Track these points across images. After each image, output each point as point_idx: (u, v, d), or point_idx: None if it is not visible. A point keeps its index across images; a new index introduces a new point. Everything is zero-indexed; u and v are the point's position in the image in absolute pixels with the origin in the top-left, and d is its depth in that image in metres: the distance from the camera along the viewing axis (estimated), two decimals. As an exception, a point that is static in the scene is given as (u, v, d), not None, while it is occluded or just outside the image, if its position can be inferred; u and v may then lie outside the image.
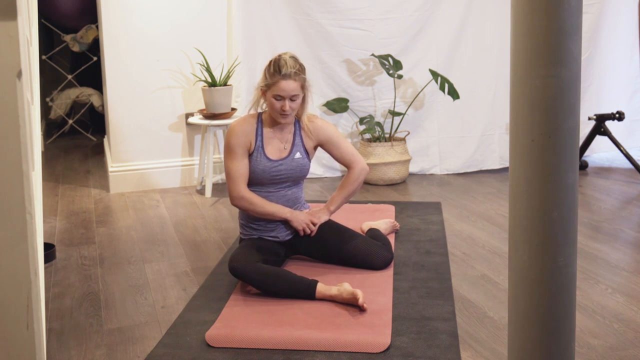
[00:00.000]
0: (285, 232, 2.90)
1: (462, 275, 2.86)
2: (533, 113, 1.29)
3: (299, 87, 2.77)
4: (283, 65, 2.74)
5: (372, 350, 2.20)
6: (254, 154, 2.83)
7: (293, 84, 2.75)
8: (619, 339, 2.28)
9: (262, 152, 2.83)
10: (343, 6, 4.56)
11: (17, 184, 1.34)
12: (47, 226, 3.74)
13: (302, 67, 2.80)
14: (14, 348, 1.39)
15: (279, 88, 2.74)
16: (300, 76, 2.77)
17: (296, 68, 2.76)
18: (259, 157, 2.83)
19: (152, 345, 2.33)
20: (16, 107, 1.32)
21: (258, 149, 2.83)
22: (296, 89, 2.76)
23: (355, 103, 4.71)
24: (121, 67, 4.40)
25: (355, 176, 2.95)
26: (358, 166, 2.95)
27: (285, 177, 2.86)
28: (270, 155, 2.84)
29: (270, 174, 2.83)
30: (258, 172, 2.83)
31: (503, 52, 4.69)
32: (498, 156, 4.81)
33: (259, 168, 2.82)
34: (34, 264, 1.41)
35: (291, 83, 2.75)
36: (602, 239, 3.29)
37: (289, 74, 2.74)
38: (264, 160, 2.82)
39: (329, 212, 2.96)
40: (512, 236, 1.38)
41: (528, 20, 1.26)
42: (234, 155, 2.81)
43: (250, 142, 2.83)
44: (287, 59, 2.76)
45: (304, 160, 2.89)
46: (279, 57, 2.78)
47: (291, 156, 2.86)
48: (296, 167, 2.87)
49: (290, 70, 2.74)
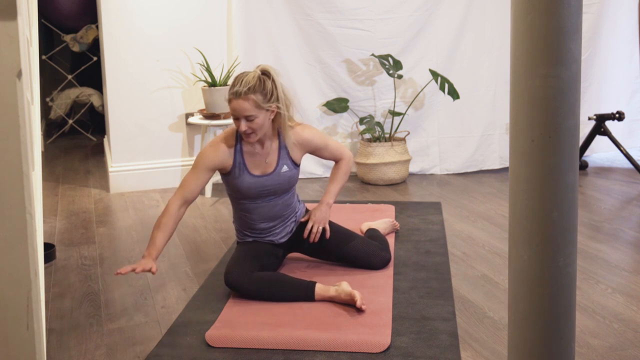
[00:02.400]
0: (279, 236, 2.85)
1: (462, 275, 2.86)
2: (533, 113, 1.29)
3: (252, 106, 2.57)
4: (236, 83, 2.58)
5: (372, 350, 2.20)
6: (235, 172, 2.71)
7: (243, 104, 2.56)
8: (619, 339, 2.28)
9: (244, 169, 2.71)
10: (343, 6, 4.56)
11: (17, 184, 1.34)
12: (47, 226, 3.74)
13: (261, 85, 2.58)
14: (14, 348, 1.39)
15: (230, 107, 2.61)
16: (252, 95, 2.56)
17: (248, 86, 2.55)
18: (242, 174, 2.71)
19: (152, 345, 2.33)
20: (16, 107, 1.32)
21: (239, 167, 2.71)
22: (248, 109, 2.57)
23: (355, 103, 4.71)
24: (121, 67, 4.40)
25: (345, 168, 2.94)
26: (346, 157, 2.94)
27: (273, 191, 2.76)
28: (254, 172, 2.72)
29: (257, 189, 2.73)
30: (243, 189, 2.73)
31: (503, 52, 4.69)
32: (498, 156, 4.81)
33: (244, 185, 2.72)
34: (34, 264, 1.41)
35: (240, 103, 2.56)
36: (602, 239, 3.29)
37: (238, 92, 2.56)
38: (247, 177, 2.71)
39: (329, 206, 2.90)
40: (512, 236, 1.38)
41: (528, 20, 1.26)
42: (194, 167, 2.70)
43: (224, 161, 2.70)
44: (245, 77, 2.59)
45: (292, 172, 2.78)
46: (240, 73, 2.63)
47: (277, 170, 2.74)
48: (283, 181, 2.76)
49: (240, 88, 2.56)
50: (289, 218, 2.86)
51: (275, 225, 2.83)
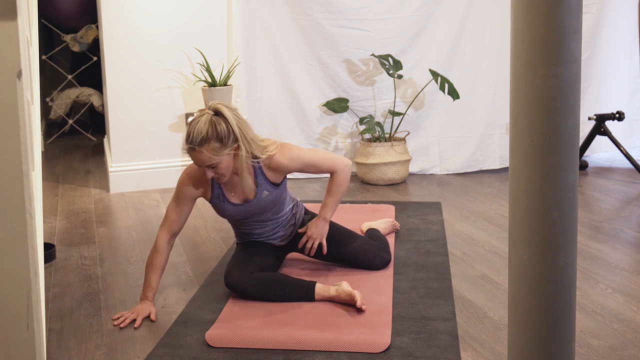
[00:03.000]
0: (278, 240, 2.84)
1: (462, 275, 2.86)
2: (533, 113, 1.29)
3: (211, 155, 2.43)
4: (189, 133, 2.43)
5: (372, 350, 2.20)
6: (215, 202, 2.65)
7: (201, 156, 2.44)
8: (619, 339, 2.28)
9: (223, 199, 2.64)
10: (343, 6, 4.56)
11: (17, 184, 1.34)
12: (47, 226, 3.74)
13: (214, 132, 2.42)
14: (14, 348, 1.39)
15: (191, 157, 2.49)
16: (207, 145, 2.41)
17: (201, 137, 2.40)
18: (222, 203, 2.65)
19: (152, 345, 2.33)
20: (16, 107, 1.32)
21: (218, 197, 2.64)
22: (207, 160, 2.44)
23: (355, 103, 4.71)
24: (121, 67, 4.40)
25: (340, 179, 2.75)
26: (339, 168, 2.73)
27: (259, 213, 2.70)
28: (234, 201, 2.64)
29: (241, 215, 2.68)
30: (227, 216, 2.70)
31: (503, 52, 4.69)
32: (498, 156, 4.81)
33: (227, 214, 2.68)
34: (34, 264, 1.41)
35: (198, 155, 2.44)
36: (602, 239, 3.29)
37: (192, 146, 2.43)
38: (228, 206, 2.65)
39: (326, 221, 2.78)
40: (512, 236, 1.38)
41: (528, 20, 1.26)
42: (175, 197, 2.65)
43: (203, 192, 2.64)
44: (196, 126, 2.42)
45: (273, 195, 2.67)
46: (192, 121, 2.46)
47: (258, 197, 2.64)
48: (266, 205, 2.68)
49: (194, 141, 2.41)
50: (286, 223, 2.83)
51: (271, 230, 2.81)
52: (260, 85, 4.60)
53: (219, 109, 2.47)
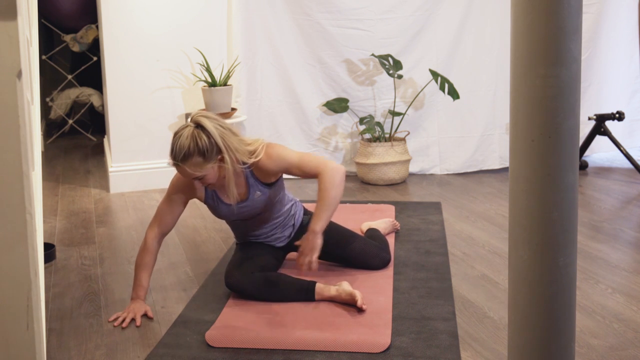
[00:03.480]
0: (277, 241, 2.83)
1: (462, 275, 2.86)
2: (533, 113, 1.29)
3: (196, 169, 2.43)
4: (172, 148, 2.44)
5: (372, 350, 2.20)
6: (209, 202, 2.66)
7: (186, 170, 2.44)
8: (619, 339, 2.28)
9: (217, 199, 2.65)
10: (343, 6, 4.56)
11: (17, 184, 1.34)
12: (47, 226, 3.74)
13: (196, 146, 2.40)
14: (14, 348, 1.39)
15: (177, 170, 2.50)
16: (190, 160, 2.41)
17: (183, 153, 2.40)
18: (216, 204, 2.66)
19: (152, 345, 2.33)
20: (16, 107, 1.32)
21: (212, 197, 2.65)
22: (192, 173, 2.45)
23: (355, 103, 4.71)
24: (121, 67, 4.40)
25: (326, 183, 2.53)
26: (325, 171, 2.54)
27: (254, 212, 2.69)
28: (227, 201, 2.64)
29: (236, 215, 2.68)
30: (223, 216, 2.70)
31: (503, 52, 4.69)
32: (498, 156, 4.81)
33: (222, 214, 2.68)
34: (34, 264, 1.41)
35: (183, 170, 2.45)
36: (602, 239, 3.29)
37: (176, 162, 2.44)
38: (223, 206, 2.65)
39: (315, 234, 2.53)
40: (512, 236, 1.38)
41: (528, 20, 1.26)
42: (167, 197, 2.68)
43: (197, 196, 2.66)
44: (178, 141, 2.42)
45: (266, 195, 2.63)
46: (175, 135, 2.46)
47: (251, 197, 2.63)
48: (260, 205, 2.66)
49: (177, 156, 2.42)
50: (285, 224, 2.82)
51: (270, 231, 2.81)
52: (260, 85, 4.60)
53: (200, 122, 2.44)
